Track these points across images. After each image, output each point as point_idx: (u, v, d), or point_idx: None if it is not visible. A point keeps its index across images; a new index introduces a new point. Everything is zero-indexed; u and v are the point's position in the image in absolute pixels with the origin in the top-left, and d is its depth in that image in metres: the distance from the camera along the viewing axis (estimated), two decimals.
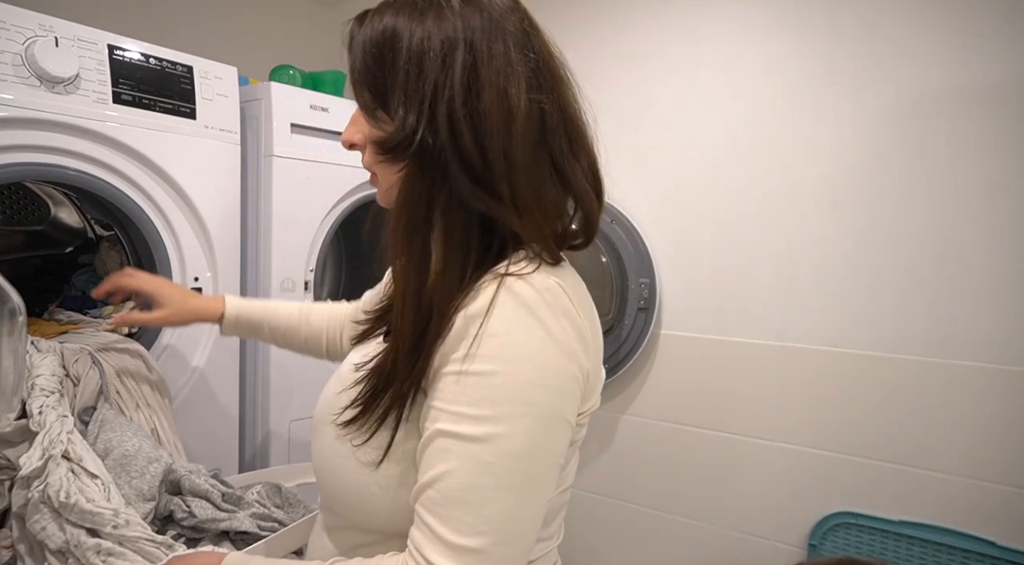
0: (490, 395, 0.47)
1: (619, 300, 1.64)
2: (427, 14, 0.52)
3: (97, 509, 0.72)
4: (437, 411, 0.49)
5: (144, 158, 1.15)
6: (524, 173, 0.51)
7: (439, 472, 0.48)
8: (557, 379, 0.49)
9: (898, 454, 1.36)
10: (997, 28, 1.25)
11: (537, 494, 0.50)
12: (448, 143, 0.50)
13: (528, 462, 0.48)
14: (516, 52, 0.51)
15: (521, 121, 0.50)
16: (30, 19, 0.99)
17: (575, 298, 0.52)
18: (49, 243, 1.41)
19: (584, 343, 0.52)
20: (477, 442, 0.47)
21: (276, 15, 2.02)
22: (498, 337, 0.48)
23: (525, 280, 0.50)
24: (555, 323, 0.50)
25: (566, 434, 0.52)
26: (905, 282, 1.35)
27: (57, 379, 0.90)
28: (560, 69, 0.55)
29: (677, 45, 1.60)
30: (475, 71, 0.50)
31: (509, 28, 0.52)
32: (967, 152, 1.29)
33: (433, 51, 0.50)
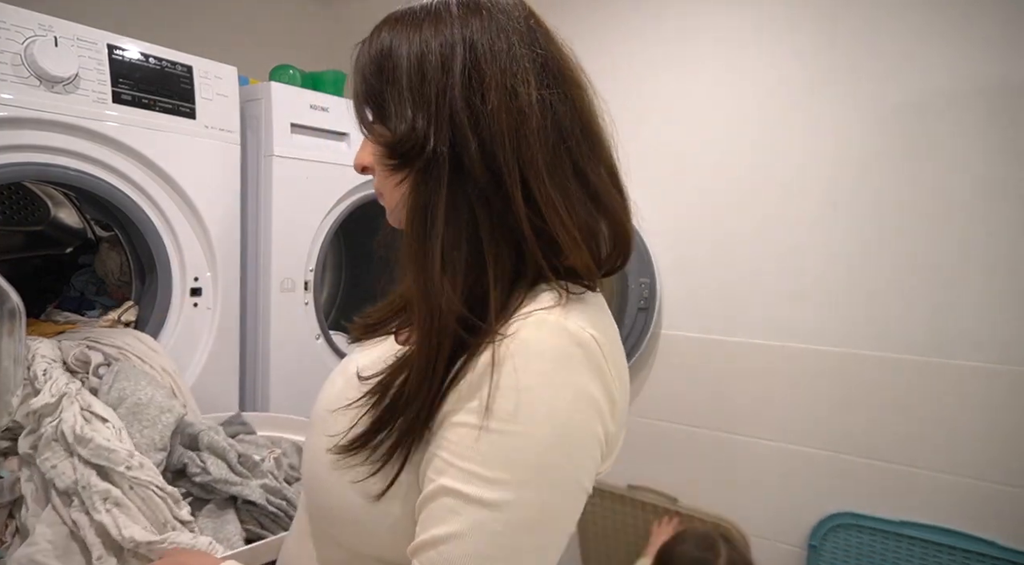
0: (506, 457, 0.43)
1: (619, 300, 1.63)
2: (424, 23, 0.50)
3: (113, 446, 0.73)
4: (444, 463, 0.45)
5: (144, 158, 1.15)
6: (543, 174, 0.47)
7: (442, 534, 0.43)
8: (580, 445, 0.45)
9: (899, 454, 1.36)
10: (997, 29, 1.25)
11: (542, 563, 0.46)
12: (453, 149, 0.47)
13: (539, 533, 0.44)
14: (521, 49, 0.48)
15: (535, 119, 0.47)
16: (30, 19, 0.99)
17: (608, 354, 0.47)
18: (49, 243, 1.41)
19: (612, 404, 0.47)
20: (487, 508, 0.43)
21: (276, 15, 2.02)
22: (521, 393, 0.43)
23: (559, 330, 0.45)
24: (585, 383, 0.45)
25: (581, 502, 0.47)
26: (906, 282, 1.35)
27: (57, 356, 0.91)
28: (572, 68, 0.52)
29: (678, 45, 1.60)
30: (478, 72, 0.47)
31: (513, 26, 0.49)
32: (968, 152, 1.28)
33: (433, 57, 0.48)
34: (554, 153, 0.48)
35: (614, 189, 0.52)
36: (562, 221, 0.47)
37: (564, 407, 0.44)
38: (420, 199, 0.49)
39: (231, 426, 1.05)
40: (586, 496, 0.48)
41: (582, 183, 0.49)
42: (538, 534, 0.44)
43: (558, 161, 0.48)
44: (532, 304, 0.47)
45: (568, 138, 0.49)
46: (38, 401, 0.78)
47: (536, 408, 0.43)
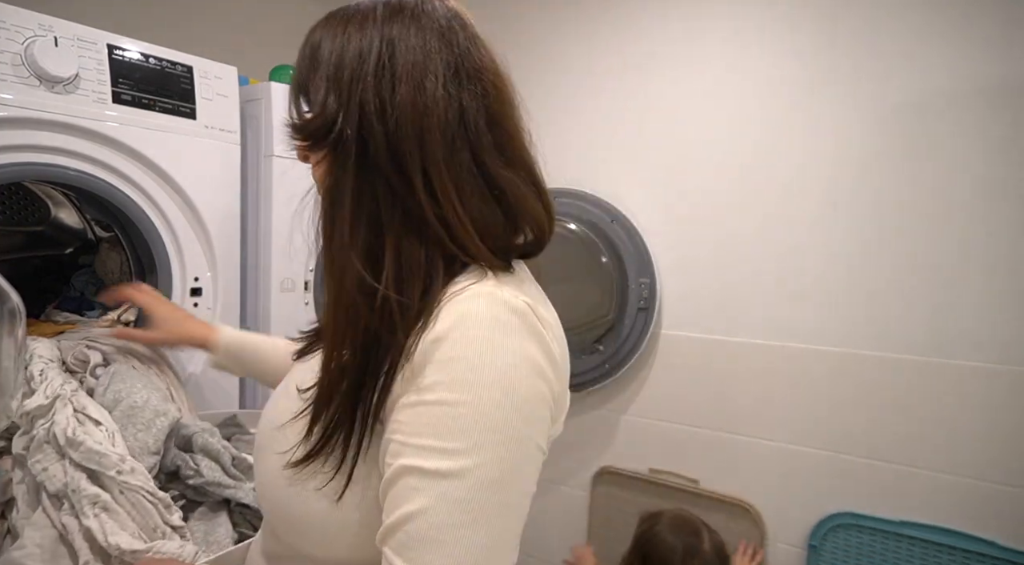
0: (458, 425, 0.44)
1: (619, 300, 1.63)
2: (352, 21, 0.53)
3: (104, 450, 0.72)
4: (399, 445, 0.46)
5: (144, 158, 1.15)
6: (442, 166, 0.50)
7: (407, 512, 0.44)
8: (528, 403, 0.47)
9: (899, 454, 1.36)
10: (997, 28, 1.25)
11: (511, 525, 0.47)
12: (360, 133, 0.50)
13: (502, 493, 0.45)
14: (437, 47, 0.51)
15: (438, 114, 0.50)
16: (30, 19, 0.99)
17: (543, 318, 0.50)
18: (49, 244, 1.41)
19: (553, 364, 0.49)
20: (448, 478, 0.44)
21: (276, 15, 2.02)
22: (464, 361, 0.45)
23: (491, 299, 0.48)
24: (524, 344, 0.47)
25: (538, 460, 0.49)
26: (906, 282, 1.35)
27: (56, 356, 0.91)
28: (489, 69, 0.54)
29: (678, 45, 1.60)
30: (391, 63, 0.50)
31: (432, 27, 0.52)
32: (968, 152, 1.29)
33: (352, 49, 0.52)
34: (453, 145, 0.50)
35: (526, 180, 0.54)
36: (455, 210, 0.50)
37: (508, 370, 0.46)
38: (330, 179, 0.53)
39: (226, 428, 1.05)
40: (542, 455, 0.50)
41: (482, 174, 0.52)
42: (501, 494, 0.45)
43: (458, 154, 0.51)
44: (458, 282, 0.50)
45: (471, 132, 0.51)
46: (31, 403, 0.77)
47: (481, 374, 0.45)
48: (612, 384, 1.69)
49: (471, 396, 0.45)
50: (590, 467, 1.74)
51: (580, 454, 1.76)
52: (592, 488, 1.73)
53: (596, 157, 1.71)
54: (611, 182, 1.68)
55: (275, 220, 1.39)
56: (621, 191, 1.67)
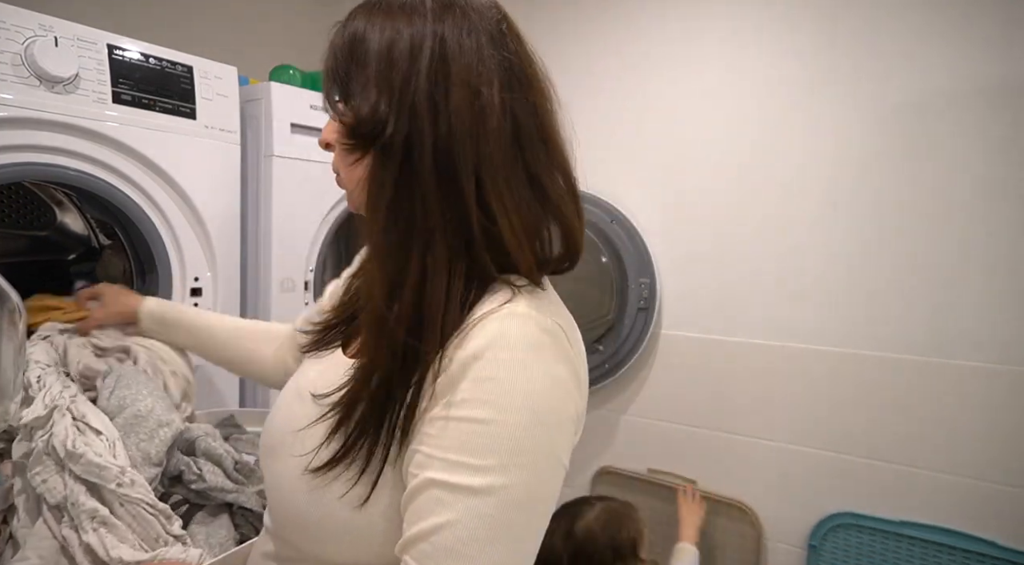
0: (489, 444, 0.45)
1: (619, 300, 1.63)
2: (398, 14, 0.51)
3: (104, 462, 0.71)
4: (426, 457, 0.46)
5: (144, 158, 1.15)
6: (496, 175, 0.48)
7: (432, 525, 0.45)
8: (557, 424, 0.48)
9: (899, 454, 1.36)
10: (997, 29, 1.25)
11: (531, 541, 0.48)
12: (409, 138, 0.48)
13: (527, 511, 0.46)
14: (490, 50, 0.49)
15: (494, 120, 0.48)
16: (30, 19, 0.99)
17: (572, 340, 0.51)
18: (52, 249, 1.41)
19: (579, 385, 0.50)
20: (475, 494, 0.44)
21: (276, 15, 2.02)
22: (496, 381, 0.45)
23: (526, 320, 0.48)
24: (556, 366, 0.48)
25: (561, 477, 0.50)
26: (906, 282, 1.35)
27: (54, 359, 0.90)
28: (539, 76, 0.53)
29: (678, 45, 1.60)
30: (444, 66, 0.48)
31: (484, 27, 0.50)
32: (967, 152, 1.29)
33: (402, 45, 0.49)
34: (509, 155, 0.49)
35: (568, 195, 0.53)
36: (510, 222, 0.49)
37: (539, 392, 0.46)
38: (375, 184, 0.51)
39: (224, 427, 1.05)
40: (564, 471, 0.50)
41: (533, 186, 0.51)
42: (527, 512, 0.46)
43: (512, 163, 0.49)
44: (489, 299, 0.49)
45: (525, 142, 0.50)
46: (29, 413, 0.75)
47: (513, 396, 0.45)
48: (612, 384, 1.69)
49: (502, 416, 0.45)
50: (590, 467, 1.74)
51: (580, 454, 1.76)
52: (592, 488, 1.73)
53: (596, 157, 1.71)
54: (611, 182, 1.68)
55: (275, 220, 1.39)
56: (621, 191, 1.67)
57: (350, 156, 0.53)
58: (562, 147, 0.54)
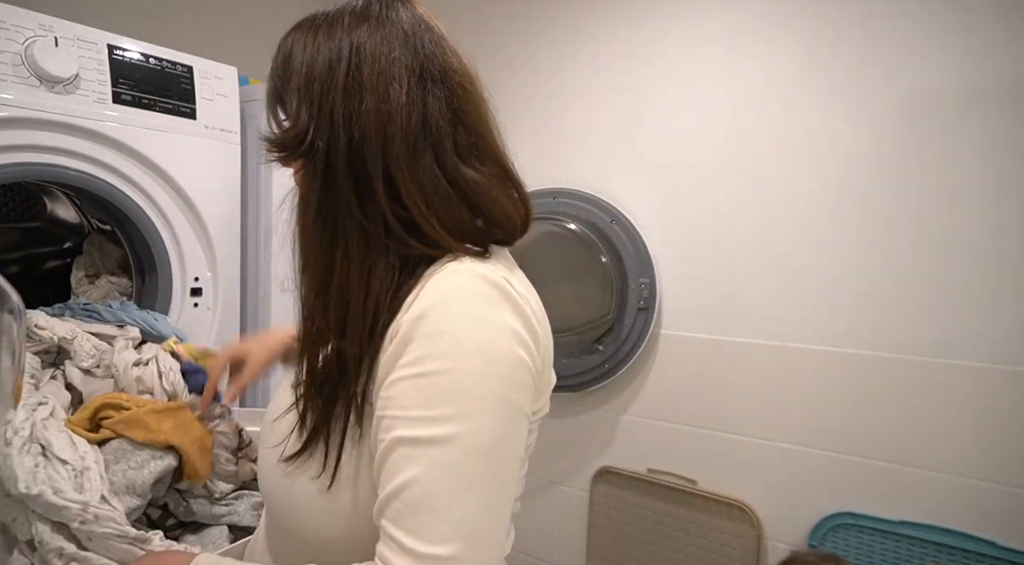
0: (445, 393, 0.46)
1: (619, 300, 1.63)
2: (321, 29, 0.55)
3: (63, 502, 0.67)
4: (391, 420, 0.48)
5: (144, 158, 1.15)
6: (404, 171, 0.52)
7: (401, 481, 0.46)
8: (512, 369, 0.49)
9: (899, 454, 1.36)
10: (997, 29, 1.25)
11: (503, 490, 0.49)
12: (332, 144, 0.52)
13: (491, 458, 0.47)
14: (402, 54, 0.53)
15: (401, 120, 0.51)
16: (30, 19, 0.99)
17: (521, 293, 0.52)
18: (47, 239, 1.41)
19: (533, 334, 0.51)
20: (438, 444, 0.45)
21: (276, 15, 2.02)
22: (448, 334, 0.47)
23: (469, 273, 0.50)
24: (504, 315, 0.49)
25: (524, 425, 0.51)
26: (905, 282, 1.35)
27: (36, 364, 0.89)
28: (457, 70, 0.56)
29: (677, 46, 1.60)
30: (358, 74, 0.52)
31: (397, 34, 0.54)
32: (967, 152, 1.28)
33: (321, 59, 0.54)
34: (415, 149, 0.52)
35: (496, 175, 0.56)
36: (420, 211, 0.52)
37: (489, 339, 0.48)
38: (303, 189, 0.55)
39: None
40: (527, 420, 0.52)
41: (445, 175, 0.53)
42: (491, 459, 0.47)
43: (419, 156, 0.52)
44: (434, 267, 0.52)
45: (434, 134, 0.53)
46: None
47: (463, 344, 0.47)
48: (612, 384, 1.69)
49: (455, 364, 0.47)
50: (590, 467, 1.74)
51: (580, 454, 1.76)
52: (592, 488, 1.74)
53: (596, 157, 1.71)
54: (611, 182, 1.68)
55: (275, 220, 1.39)
56: (621, 191, 1.67)
57: (293, 165, 0.57)
58: (483, 132, 0.57)
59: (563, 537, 1.77)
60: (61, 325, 0.92)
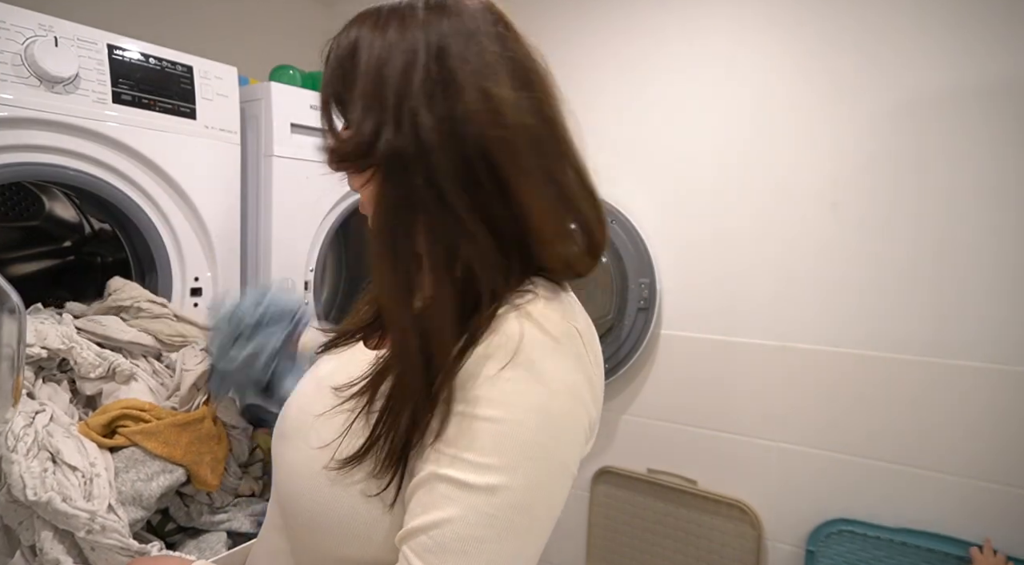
0: (496, 443, 0.45)
1: (619, 300, 1.63)
2: (390, 25, 0.50)
3: (73, 510, 0.67)
4: (434, 451, 0.46)
5: (144, 158, 1.15)
6: (520, 176, 0.48)
7: (436, 519, 0.44)
8: (567, 430, 0.47)
9: (898, 454, 1.36)
10: (996, 29, 1.25)
11: (533, 546, 0.47)
12: (420, 148, 0.47)
13: (530, 513, 0.46)
14: (493, 51, 0.49)
15: (510, 122, 0.48)
16: (30, 19, 0.99)
17: (588, 344, 0.50)
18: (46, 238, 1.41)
19: (592, 390, 0.49)
20: (479, 492, 0.44)
21: (276, 15, 2.02)
22: (509, 382, 0.45)
23: (542, 321, 0.47)
24: (568, 371, 0.47)
25: (568, 484, 0.49)
26: (905, 282, 1.35)
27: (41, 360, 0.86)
28: (542, 71, 0.53)
29: (678, 45, 1.60)
30: (448, 73, 0.48)
31: (483, 29, 0.50)
32: (966, 152, 1.28)
33: (394, 60, 0.49)
34: (527, 156, 0.49)
35: (583, 191, 0.53)
36: (537, 223, 0.49)
37: (550, 395, 0.46)
38: (383, 200, 0.50)
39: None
40: (572, 479, 0.50)
41: (553, 185, 0.50)
42: (529, 515, 0.46)
43: (531, 163, 0.49)
44: (511, 299, 0.49)
45: (538, 141, 0.50)
46: None
47: (524, 397, 0.45)
48: (612, 384, 1.69)
49: (512, 416, 0.45)
50: (590, 467, 1.74)
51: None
52: (592, 488, 1.74)
53: (596, 157, 1.71)
54: (610, 182, 1.68)
55: (275, 220, 1.39)
56: (621, 191, 1.67)
57: (358, 177, 0.53)
58: (571, 141, 0.53)
59: (563, 537, 1.77)
60: (54, 333, 0.89)
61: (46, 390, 0.85)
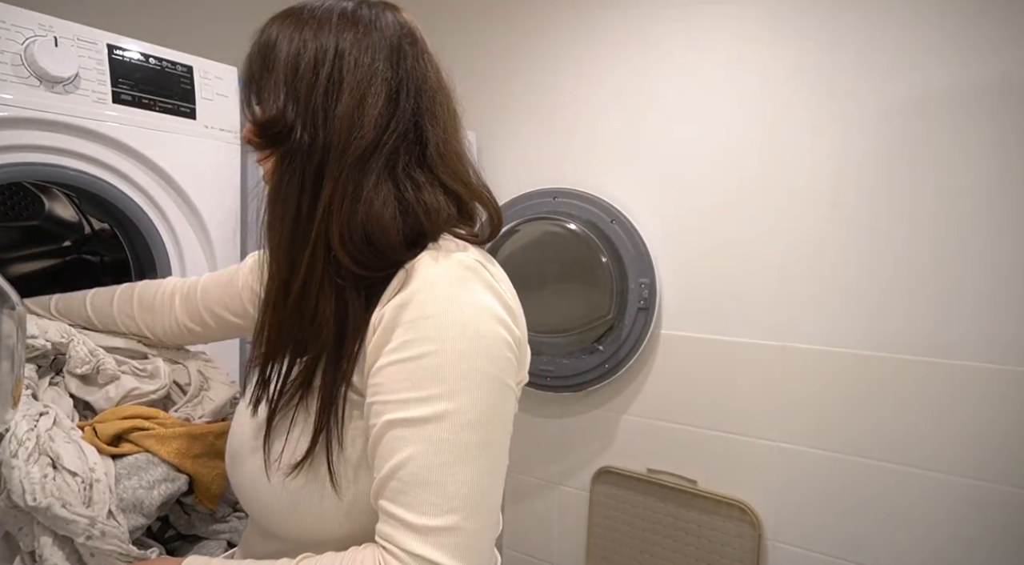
0: (433, 374, 0.49)
1: (619, 300, 1.63)
2: (307, 26, 0.57)
3: (72, 516, 0.66)
4: (381, 404, 0.50)
5: (144, 158, 1.15)
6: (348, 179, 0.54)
7: (397, 461, 0.48)
8: (493, 347, 0.52)
9: (899, 453, 1.36)
10: (998, 27, 1.25)
11: (495, 462, 0.51)
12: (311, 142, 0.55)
13: (481, 431, 0.50)
14: (383, 66, 0.56)
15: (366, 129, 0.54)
16: (30, 19, 0.99)
17: (494, 273, 0.56)
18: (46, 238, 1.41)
19: (510, 312, 0.55)
20: (429, 422, 0.48)
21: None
22: (431, 318, 0.50)
23: (445, 260, 0.53)
24: (481, 296, 0.52)
25: (511, 399, 0.55)
26: (905, 282, 1.35)
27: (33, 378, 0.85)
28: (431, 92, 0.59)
29: (678, 44, 1.60)
30: (339, 77, 0.55)
31: (382, 44, 0.57)
32: (967, 151, 1.29)
33: (308, 55, 0.56)
34: (368, 161, 0.55)
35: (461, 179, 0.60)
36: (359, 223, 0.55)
37: (469, 319, 0.51)
38: (278, 179, 0.58)
39: None
40: (512, 394, 0.55)
41: (395, 185, 0.56)
42: (480, 432, 0.50)
43: (370, 169, 0.55)
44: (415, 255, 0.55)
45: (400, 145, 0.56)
46: None
47: (447, 328, 0.50)
48: (612, 384, 1.69)
49: (440, 346, 0.49)
50: (590, 467, 1.74)
51: (580, 454, 1.76)
52: (592, 488, 1.74)
53: (596, 157, 1.71)
54: (611, 182, 1.68)
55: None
56: (621, 191, 1.67)
57: (260, 152, 0.60)
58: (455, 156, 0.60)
59: (563, 537, 1.77)
60: (54, 328, 0.89)
61: (51, 393, 0.85)
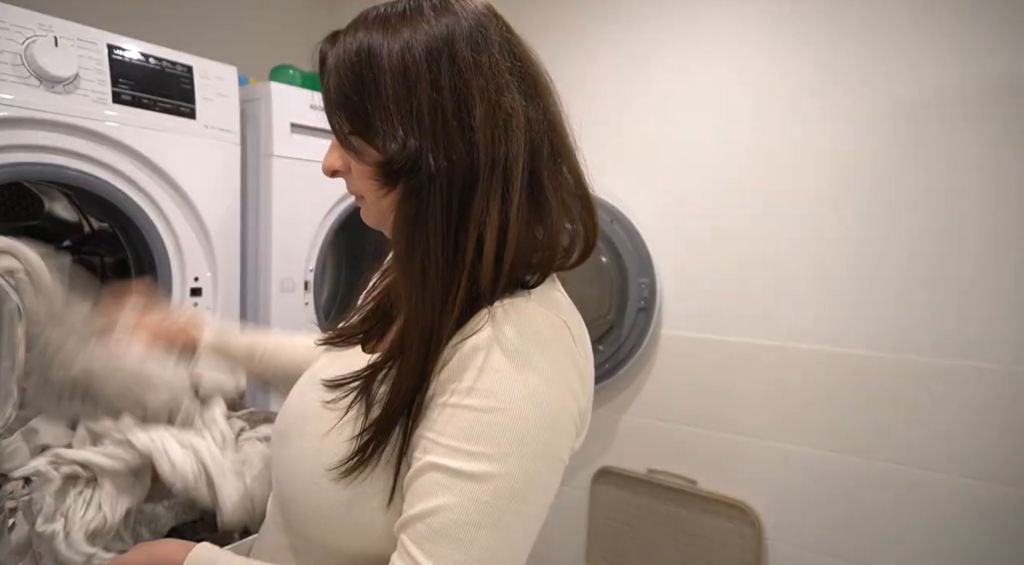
0: (489, 432, 0.46)
1: (619, 300, 1.63)
2: (402, 26, 0.49)
3: (68, 557, 0.65)
4: (430, 442, 0.48)
5: (144, 158, 1.15)
6: (520, 189, 0.49)
7: (431, 507, 0.46)
8: (556, 419, 0.48)
9: (899, 453, 1.36)
10: (997, 29, 1.24)
11: (526, 533, 0.49)
12: (445, 162, 0.48)
13: (522, 501, 0.47)
14: (501, 60, 0.49)
15: (518, 132, 0.49)
16: (30, 19, 0.99)
17: (577, 336, 0.52)
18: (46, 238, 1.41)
19: (582, 381, 0.51)
20: (473, 480, 0.46)
21: (276, 15, 2.02)
22: (500, 373, 0.47)
23: (532, 315, 0.49)
24: (557, 361, 0.49)
25: (559, 473, 0.51)
26: (905, 282, 1.35)
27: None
28: (544, 74, 0.53)
29: (679, 44, 1.60)
30: (463, 83, 0.48)
31: (491, 35, 0.50)
32: (967, 152, 1.28)
33: (417, 65, 0.48)
34: (529, 165, 0.50)
35: (577, 192, 0.55)
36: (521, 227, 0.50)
37: (540, 385, 0.47)
38: (412, 212, 0.50)
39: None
40: (563, 467, 0.51)
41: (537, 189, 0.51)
42: (521, 503, 0.47)
43: (531, 172, 0.50)
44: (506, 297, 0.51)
45: (538, 148, 0.51)
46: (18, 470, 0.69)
47: (515, 387, 0.47)
48: (612, 384, 1.69)
49: (503, 406, 0.46)
50: (590, 467, 1.74)
51: (580, 454, 1.75)
52: (592, 488, 1.74)
53: (596, 157, 1.70)
54: (611, 182, 1.68)
55: (275, 220, 1.39)
56: (621, 191, 1.67)
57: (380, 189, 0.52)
58: (571, 149, 0.54)
59: (563, 537, 1.77)
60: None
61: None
